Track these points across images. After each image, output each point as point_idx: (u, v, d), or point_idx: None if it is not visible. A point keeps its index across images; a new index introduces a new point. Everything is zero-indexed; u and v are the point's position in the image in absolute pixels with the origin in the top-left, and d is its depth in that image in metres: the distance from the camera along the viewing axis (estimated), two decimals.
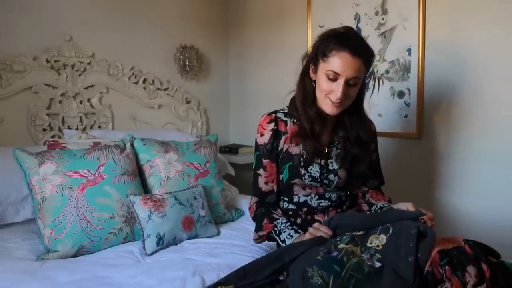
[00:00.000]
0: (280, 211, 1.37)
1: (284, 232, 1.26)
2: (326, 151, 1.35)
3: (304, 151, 1.33)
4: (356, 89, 1.24)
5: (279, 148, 1.36)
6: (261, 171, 1.37)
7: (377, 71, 2.03)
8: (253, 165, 1.40)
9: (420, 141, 1.90)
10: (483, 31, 1.66)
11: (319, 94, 1.27)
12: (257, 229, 1.35)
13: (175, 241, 1.53)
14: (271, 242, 1.35)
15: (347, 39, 1.20)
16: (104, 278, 1.21)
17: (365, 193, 1.47)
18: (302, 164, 1.33)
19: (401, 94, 1.95)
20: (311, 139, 1.30)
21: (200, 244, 1.52)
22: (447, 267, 0.95)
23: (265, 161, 1.36)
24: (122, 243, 1.52)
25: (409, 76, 1.90)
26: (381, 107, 2.02)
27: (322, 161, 1.34)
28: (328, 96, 1.23)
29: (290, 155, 1.34)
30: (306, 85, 1.32)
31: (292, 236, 1.23)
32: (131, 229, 1.54)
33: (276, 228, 1.28)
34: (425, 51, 1.84)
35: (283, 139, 1.35)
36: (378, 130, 1.48)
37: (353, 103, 1.29)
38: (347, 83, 1.19)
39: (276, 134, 1.35)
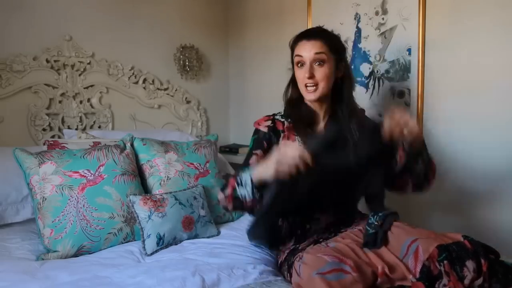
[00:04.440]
0: None
1: (245, 172, 1.16)
2: None
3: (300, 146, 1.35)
4: (326, 69, 1.30)
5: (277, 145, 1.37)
6: (258, 151, 1.34)
7: (377, 71, 2.03)
8: (249, 146, 1.39)
9: None
10: (483, 31, 1.65)
11: (299, 86, 1.36)
12: (223, 188, 1.25)
13: (175, 241, 1.53)
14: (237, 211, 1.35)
15: (303, 31, 1.38)
16: (104, 278, 1.21)
17: None
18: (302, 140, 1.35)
19: (401, 94, 1.94)
20: (302, 123, 1.36)
21: (200, 244, 1.52)
22: (445, 261, 0.95)
23: (265, 143, 1.35)
24: (122, 243, 1.52)
25: (409, 76, 1.90)
26: (381, 107, 2.02)
27: None
28: (303, 82, 1.33)
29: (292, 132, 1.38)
30: (291, 86, 1.43)
31: (252, 170, 1.14)
32: (131, 229, 1.54)
33: (238, 177, 1.18)
34: (425, 51, 1.84)
35: (281, 137, 1.38)
36: None
37: (338, 93, 1.37)
38: (313, 65, 1.30)
39: (274, 130, 1.38)
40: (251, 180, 1.12)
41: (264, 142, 1.36)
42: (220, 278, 1.19)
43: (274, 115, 1.42)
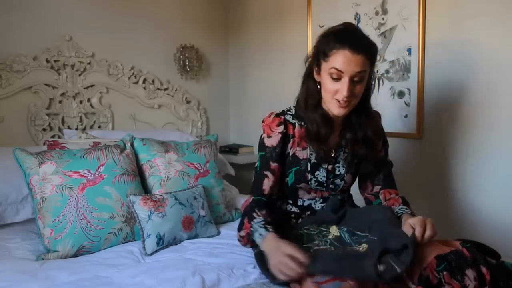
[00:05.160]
0: (264, 212, 1.26)
1: (256, 231, 1.17)
2: (333, 155, 1.33)
3: (311, 156, 1.31)
4: (362, 87, 1.19)
5: (286, 151, 1.33)
6: (268, 174, 1.31)
7: (377, 71, 2.03)
8: (257, 165, 1.34)
9: (420, 141, 1.90)
10: (483, 31, 1.65)
11: (325, 96, 1.23)
12: (239, 228, 1.28)
13: (175, 241, 1.53)
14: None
15: (345, 36, 1.17)
16: (104, 278, 1.21)
17: (378, 198, 1.38)
18: (309, 169, 1.30)
19: (401, 94, 1.94)
20: (317, 141, 1.26)
21: (200, 244, 1.52)
22: (445, 272, 0.94)
23: (273, 164, 1.31)
24: (122, 243, 1.52)
25: (409, 76, 1.90)
26: (381, 107, 2.01)
27: (329, 166, 1.32)
28: (335, 96, 1.19)
29: (297, 159, 1.31)
30: (309, 88, 1.28)
31: (261, 235, 1.15)
32: (131, 229, 1.54)
33: (252, 228, 1.21)
34: (425, 51, 1.84)
35: (291, 143, 1.32)
36: None
37: (360, 102, 1.25)
38: (352, 81, 1.16)
39: (285, 137, 1.31)
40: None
41: (271, 162, 1.30)
42: (220, 278, 1.18)
43: (284, 114, 1.33)
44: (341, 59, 1.14)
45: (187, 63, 2.65)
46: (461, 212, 1.78)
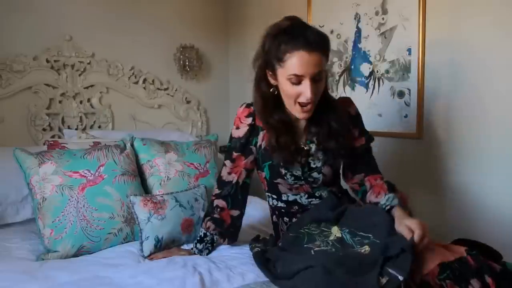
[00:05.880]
0: (209, 224, 1.38)
1: (195, 239, 1.44)
2: (306, 148, 1.28)
3: None
4: (323, 82, 1.17)
5: (258, 144, 1.31)
6: (227, 163, 1.35)
7: (377, 71, 2.03)
8: (227, 149, 1.38)
9: (420, 141, 1.90)
10: (483, 31, 1.65)
11: (286, 101, 1.19)
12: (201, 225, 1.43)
13: (174, 244, 1.52)
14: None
15: (296, 35, 1.11)
16: (104, 278, 1.21)
17: (362, 185, 1.31)
18: (281, 163, 1.26)
19: (401, 94, 1.94)
20: (278, 151, 1.23)
21: None
22: (448, 281, 0.92)
23: (235, 154, 1.34)
24: (122, 243, 1.52)
25: (409, 76, 1.90)
26: (381, 107, 2.02)
27: (303, 159, 1.27)
28: (298, 100, 1.16)
29: (268, 153, 1.28)
30: (263, 94, 1.24)
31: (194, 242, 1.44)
32: (131, 229, 1.54)
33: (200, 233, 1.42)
34: (425, 51, 1.84)
35: (261, 135, 1.30)
36: (378, 129, 1.44)
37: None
38: (313, 80, 1.13)
39: (253, 129, 1.31)
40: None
41: (234, 152, 1.34)
42: (219, 278, 1.18)
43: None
44: (297, 62, 1.10)
45: (187, 63, 2.65)
46: (461, 211, 1.78)
